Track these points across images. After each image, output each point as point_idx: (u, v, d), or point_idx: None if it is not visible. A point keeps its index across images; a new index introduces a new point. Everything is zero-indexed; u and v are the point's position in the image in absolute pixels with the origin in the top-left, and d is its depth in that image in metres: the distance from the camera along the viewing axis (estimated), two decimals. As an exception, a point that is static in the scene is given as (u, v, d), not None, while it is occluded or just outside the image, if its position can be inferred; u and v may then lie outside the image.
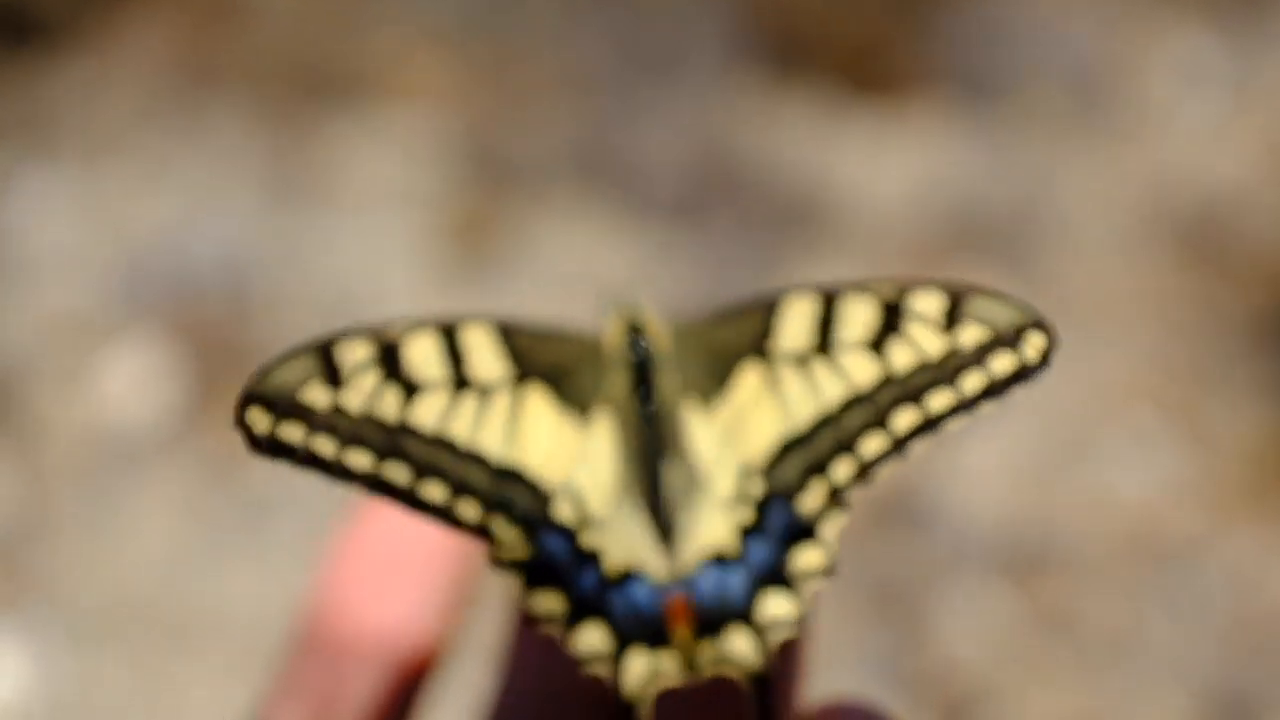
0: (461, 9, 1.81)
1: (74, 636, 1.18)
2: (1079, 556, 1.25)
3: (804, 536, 0.33)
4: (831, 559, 0.33)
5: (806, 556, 0.33)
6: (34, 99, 1.67)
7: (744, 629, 0.33)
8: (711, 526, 0.33)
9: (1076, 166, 1.68)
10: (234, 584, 1.22)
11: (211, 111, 1.72)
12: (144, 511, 1.28)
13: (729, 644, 0.32)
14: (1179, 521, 1.30)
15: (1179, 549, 1.27)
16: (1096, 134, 1.73)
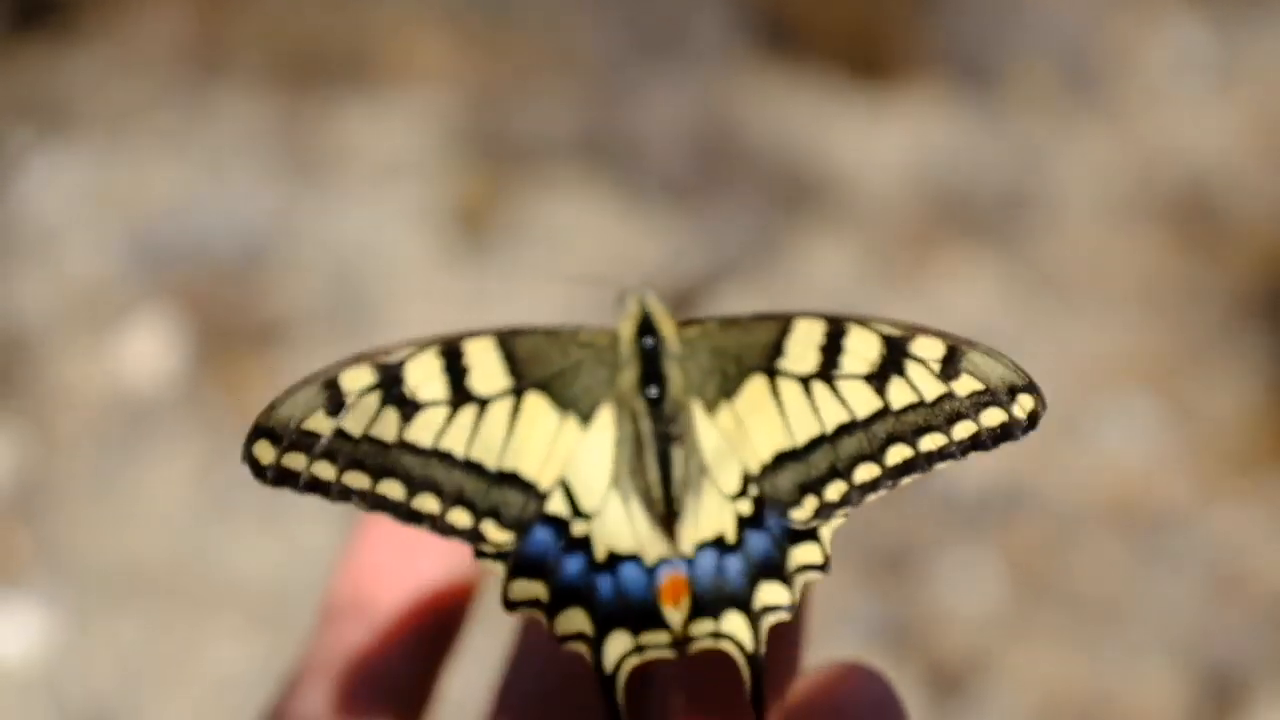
0: (469, -7, 1.82)
1: (89, 598, 1.19)
2: (1067, 525, 1.26)
3: (802, 537, 0.35)
4: (826, 557, 0.35)
5: (804, 552, 0.35)
6: (52, 79, 1.67)
7: (740, 613, 0.35)
8: (712, 515, 0.35)
9: (1068, 147, 1.68)
10: (248, 547, 1.23)
11: (222, 91, 1.72)
12: (159, 476, 1.30)
13: (726, 625, 0.35)
14: (1166, 492, 1.31)
15: (1165, 519, 1.28)
16: (1087, 116, 1.73)
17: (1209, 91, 1.77)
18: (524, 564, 0.35)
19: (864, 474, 0.35)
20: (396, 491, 0.35)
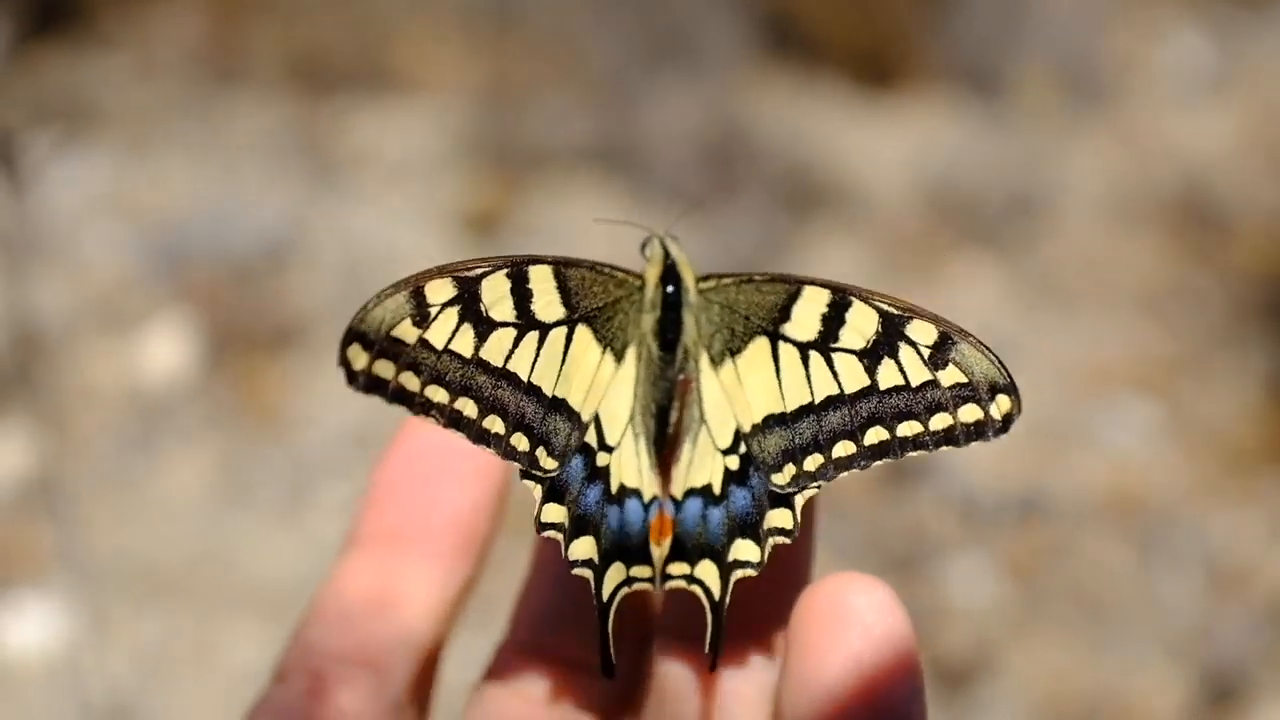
0: (479, 2, 1.82)
1: (109, 594, 1.20)
2: (1069, 525, 1.27)
3: (779, 501, 0.36)
4: (796, 525, 0.36)
5: (778, 516, 0.36)
6: (72, 85, 1.68)
7: (714, 563, 0.36)
8: (704, 464, 0.37)
9: (1070, 153, 1.69)
10: (264, 543, 1.25)
11: (238, 97, 1.73)
12: (176, 474, 1.31)
13: (700, 571, 0.36)
14: (1166, 493, 1.32)
15: (1166, 519, 1.29)
16: (1089, 122, 1.74)
17: (1209, 99, 1.78)
18: (556, 489, 0.36)
19: (841, 450, 0.36)
20: (471, 410, 0.36)
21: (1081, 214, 1.62)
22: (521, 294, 0.37)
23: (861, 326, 0.36)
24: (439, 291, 0.36)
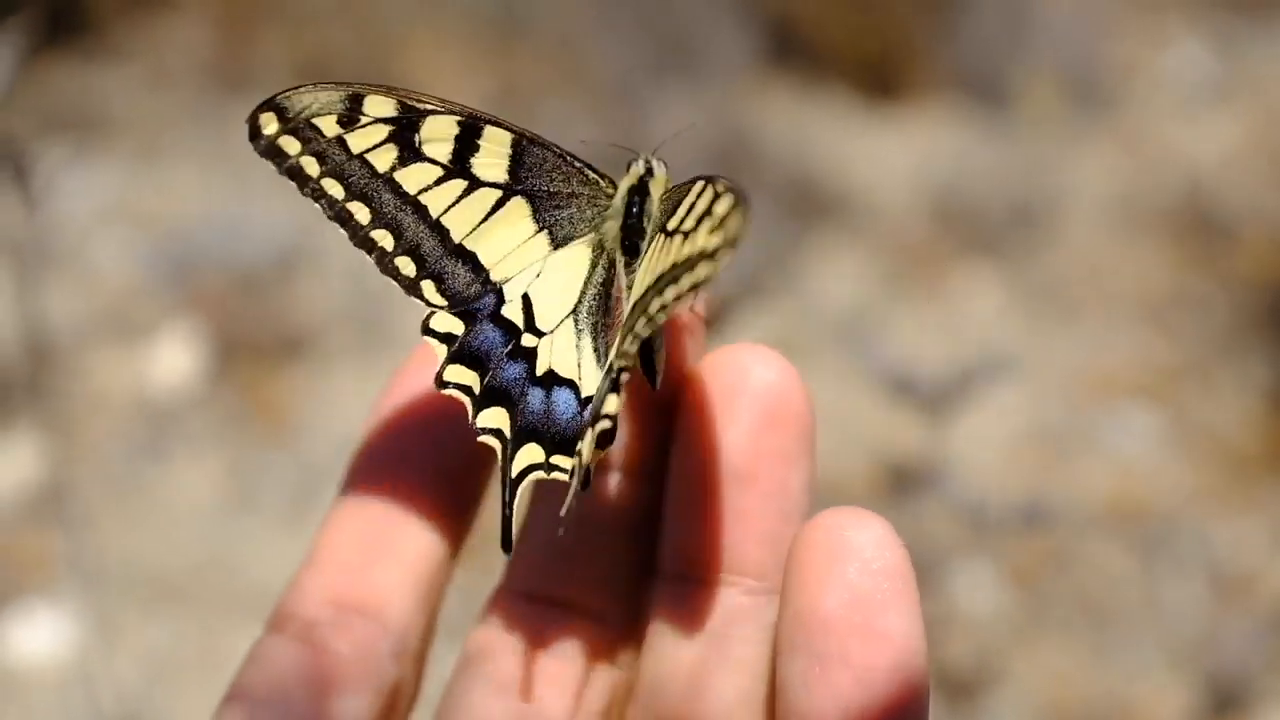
0: (484, 8, 1.82)
1: (118, 601, 1.20)
2: (1072, 533, 1.28)
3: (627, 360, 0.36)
4: (635, 361, 0.35)
5: (625, 360, 0.36)
6: (82, 95, 1.69)
7: (591, 429, 0.35)
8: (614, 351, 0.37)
9: (1073, 162, 1.69)
10: (272, 551, 1.25)
11: (246, 106, 1.71)
12: (185, 482, 1.31)
13: (584, 443, 0.36)
14: (1170, 500, 1.32)
15: (1169, 527, 1.29)
16: (1093, 131, 1.74)
17: (1212, 106, 1.78)
18: (467, 353, 0.37)
19: (655, 308, 0.36)
20: (363, 215, 0.37)
21: (1085, 222, 1.62)
22: (466, 145, 0.37)
23: (696, 208, 0.36)
24: (377, 106, 0.36)
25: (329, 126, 0.36)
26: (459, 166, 0.37)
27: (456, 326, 0.37)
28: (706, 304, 0.38)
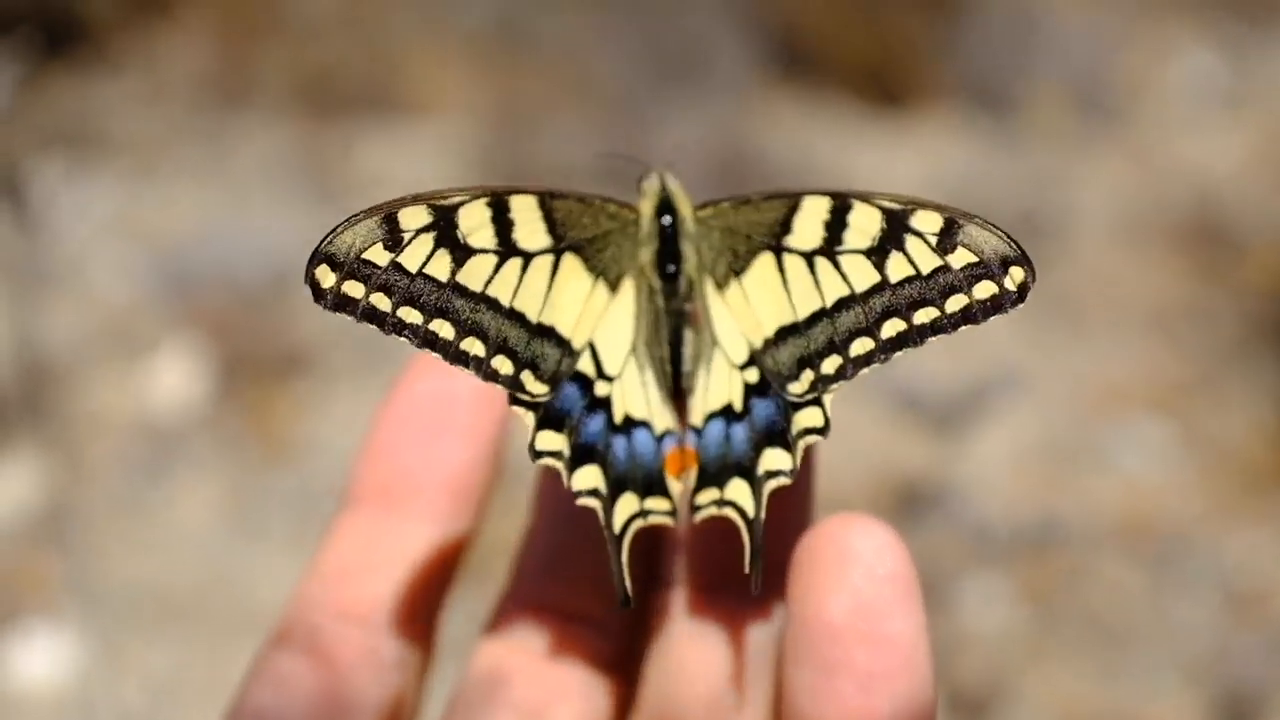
0: (487, 23, 1.82)
1: (119, 622, 1.20)
2: (1083, 548, 1.27)
3: (805, 402, 0.36)
4: (827, 420, 0.36)
5: (807, 415, 0.36)
6: (80, 110, 1.69)
7: (744, 479, 0.36)
8: (721, 385, 0.37)
9: (1081, 172, 1.69)
10: (274, 571, 1.24)
11: (246, 121, 1.73)
12: (186, 502, 1.31)
13: (730, 492, 0.36)
14: (1180, 515, 1.31)
15: (1180, 541, 1.29)
16: (1100, 141, 1.74)
17: (1220, 117, 1.78)
18: (552, 416, 0.36)
19: (859, 348, 0.36)
20: (447, 331, 0.36)
21: (1092, 233, 1.62)
22: (503, 222, 0.36)
23: (865, 226, 0.36)
24: (413, 218, 0.36)
25: (380, 256, 0.35)
26: (507, 246, 0.36)
27: (543, 391, 0.36)
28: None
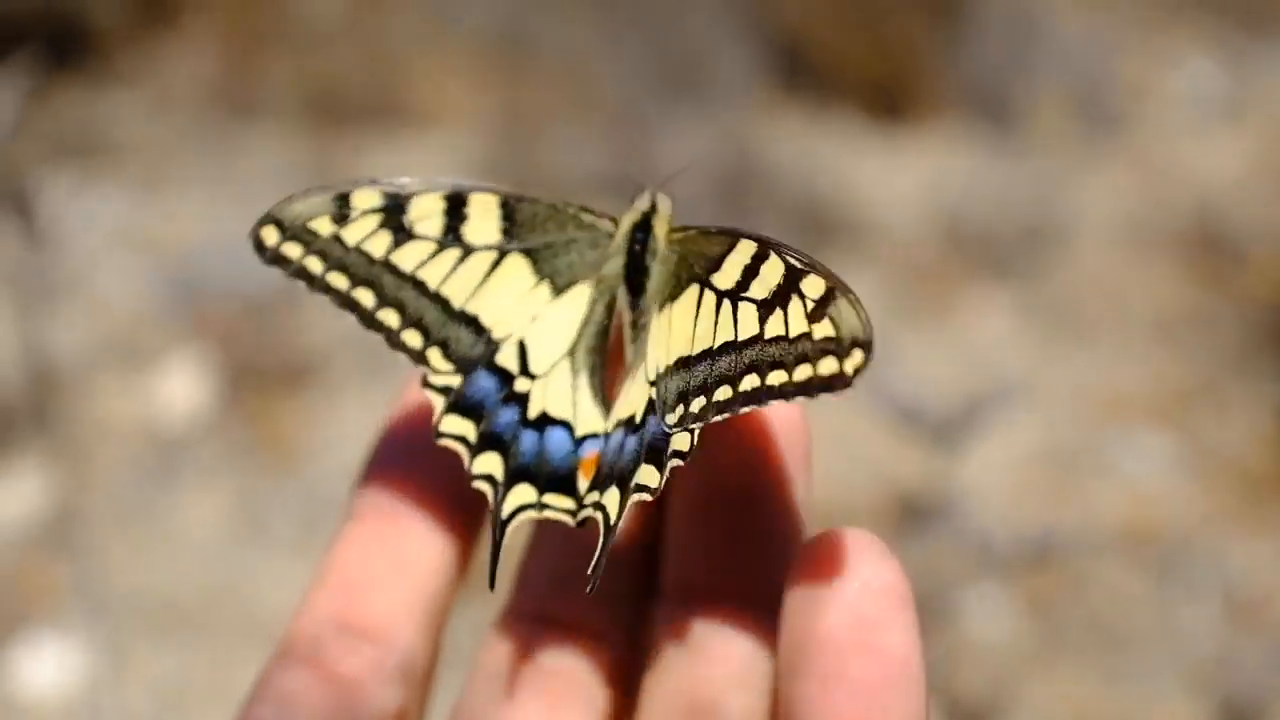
0: (493, 32, 1.83)
1: (126, 631, 1.20)
2: (1084, 556, 1.27)
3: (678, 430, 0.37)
4: (693, 446, 0.36)
5: (680, 440, 0.36)
6: (87, 121, 1.69)
7: (618, 488, 0.37)
8: (634, 398, 0.38)
9: (1083, 181, 1.69)
10: (281, 579, 1.25)
11: (252, 131, 1.74)
12: (192, 510, 1.31)
13: (605, 497, 0.37)
14: (1182, 522, 1.32)
15: (1182, 549, 1.29)
16: (1102, 150, 1.74)
17: (1222, 125, 1.78)
18: (462, 403, 0.38)
19: (721, 394, 0.36)
20: (368, 300, 0.38)
21: (1095, 242, 1.62)
22: (456, 215, 0.38)
23: (768, 278, 0.36)
24: (365, 200, 0.38)
25: (324, 226, 0.38)
26: (450, 237, 0.39)
27: (454, 380, 0.38)
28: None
